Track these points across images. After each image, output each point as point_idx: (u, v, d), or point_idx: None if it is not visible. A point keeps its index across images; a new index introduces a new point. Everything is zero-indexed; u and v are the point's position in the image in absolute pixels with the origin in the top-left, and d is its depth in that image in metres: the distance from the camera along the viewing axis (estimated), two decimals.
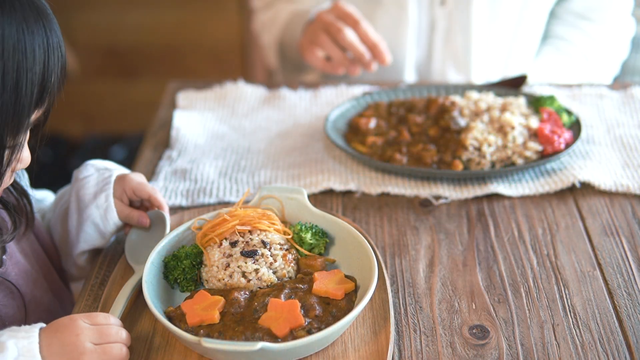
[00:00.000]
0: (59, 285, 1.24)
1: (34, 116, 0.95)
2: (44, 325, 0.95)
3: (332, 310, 1.04)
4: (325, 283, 1.07)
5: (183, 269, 1.10)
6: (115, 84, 3.18)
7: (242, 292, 1.05)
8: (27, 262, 1.16)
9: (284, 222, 1.20)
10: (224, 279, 1.08)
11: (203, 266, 1.12)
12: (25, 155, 1.00)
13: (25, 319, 1.12)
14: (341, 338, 1.03)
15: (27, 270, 1.15)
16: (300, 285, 1.07)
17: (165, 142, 1.55)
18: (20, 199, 1.14)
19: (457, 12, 1.77)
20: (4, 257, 1.12)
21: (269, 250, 1.11)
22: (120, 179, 1.20)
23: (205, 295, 1.05)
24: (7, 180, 0.99)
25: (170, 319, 1.02)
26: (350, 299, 1.06)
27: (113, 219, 1.18)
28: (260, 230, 1.13)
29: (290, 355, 0.99)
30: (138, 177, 1.22)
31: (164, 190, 1.38)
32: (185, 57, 3.17)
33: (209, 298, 1.05)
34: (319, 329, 1.00)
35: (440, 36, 1.80)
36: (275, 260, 1.10)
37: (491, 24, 1.79)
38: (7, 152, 0.94)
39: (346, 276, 1.10)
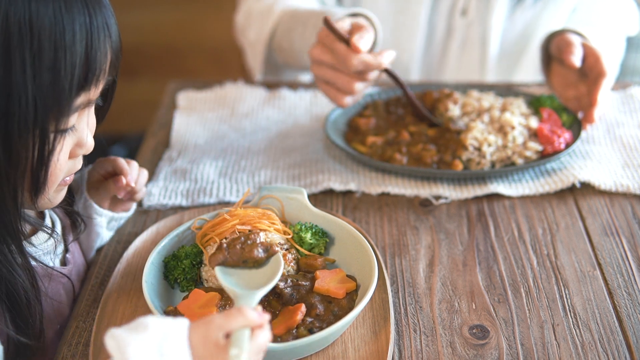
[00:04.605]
0: None
1: (81, 99, 0.92)
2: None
3: (334, 309, 1.04)
4: (327, 282, 1.07)
5: (183, 269, 1.11)
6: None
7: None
8: (81, 260, 1.17)
9: (284, 222, 1.19)
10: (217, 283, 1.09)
11: (203, 265, 1.12)
12: (88, 141, 0.98)
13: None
14: (341, 338, 1.03)
15: (81, 269, 1.16)
16: (303, 282, 1.07)
17: (165, 142, 1.55)
18: (73, 196, 1.15)
19: (477, 23, 1.74)
20: (67, 255, 1.13)
21: None
22: (94, 166, 1.21)
23: (200, 293, 1.06)
24: (63, 166, 0.96)
25: None
26: (351, 299, 1.06)
27: (92, 208, 1.19)
28: (260, 230, 1.13)
29: (290, 355, 0.99)
30: (107, 158, 1.22)
31: (164, 190, 1.38)
32: (185, 57, 3.17)
33: (204, 295, 1.05)
34: (321, 328, 1.00)
35: (456, 46, 1.77)
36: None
37: (508, 35, 1.77)
38: (52, 137, 0.90)
39: (347, 276, 1.10)
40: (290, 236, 1.15)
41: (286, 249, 1.13)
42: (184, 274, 1.10)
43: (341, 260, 1.15)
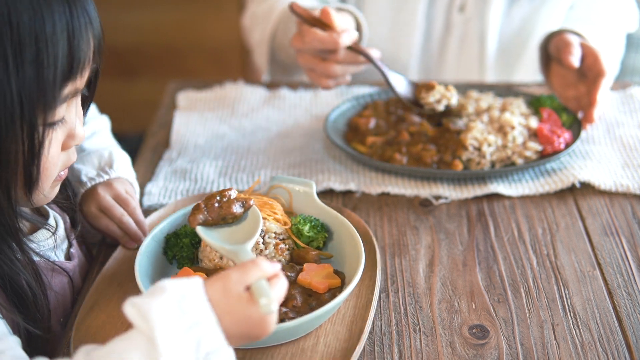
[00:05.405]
0: None
1: (68, 90, 0.91)
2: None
3: (312, 302, 1.04)
4: (311, 275, 1.07)
5: (181, 247, 1.13)
6: (115, 84, 3.18)
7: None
8: (82, 254, 1.18)
9: (290, 213, 1.21)
10: (214, 260, 1.11)
11: (200, 246, 1.14)
12: (79, 131, 0.97)
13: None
14: (316, 331, 1.03)
15: (83, 262, 1.18)
16: (289, 273, 1.08)
17: (165, 142, 1.55)
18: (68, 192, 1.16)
19: (475, 19, 1.74)
20: (71, 250, 1.13)
21: (262, 238, 1.12)
22: (104, 189, 1.20)
23: (188, 271, 1.08)
24: (57, 159, 0.96)
25: None
26: (334, 295, 1.06)
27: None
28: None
29: (258, 342, 0.99)
30: (116, 189, 1.20)
31: (164, 190, 1.38)
32: (185, 57, 3.17)
33: (191, 275, 1.07)
34: (293, 320, 1.00)
35: (455, 43, 1.77)
36: (266, 248, 1.11)
37: (506, 32, 1.77)
38: (41, 131, 0.90)
39: (338, 272, 1.10)
40: (288, 227, 1.16)
41: (281, 239, 1.14)
42: (181, 252, 1.13)
43: (338, 257, 1.15)
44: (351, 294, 1.09)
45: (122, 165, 1.25)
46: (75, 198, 1.17)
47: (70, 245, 1.13)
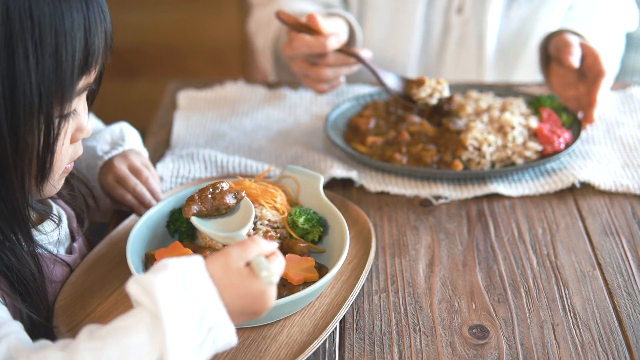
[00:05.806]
0: None
1: (82, 83, 0.94)
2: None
3: (283, 292, 1.04)
4: (290, 266, 1.08)
5: (182, 222, 1.16)
6: (115, 84, 3.18)
7: (213, 253, 1.08)
8: (86, 249, 1.19)
9: (297, 203, 1.22)
10: (206, 239, 1.14)
11: None
12: (86, 125, 1.00)
13: None
14: (283, 321, 1.04)
15: (85, 255, 1.18)
16: None
17: (165, 142, 1.55)
18: (84, 189, 1.19)
19: (473, 21, 1.74)
20: (74, 244, 1.15)
21: (254, 224, 1.13)
22: (120, 161, 1.25)
23: (178, 246, 1.10)
24: (67, 151, 0.98)
25: (147, 260, 1.10)
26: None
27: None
28: (259, 204, 1.15)
29: None
30: (131, 160, 1.26)
31: (175, 172, 1.39)
32: (185, 57, 3.17)
33: (179, 250, 1.09)
34: None
35: (453, 44, 1.77)
36: (255, 234, 1.12)
37: (504, 33, 1.77)
38: (56, 122, 0.93)
39: (324, 268, 1.10)
40: (284, 216, 1.17)
41: (274, 228, 1.15)
42: (182, 227, 1.17)
43: (330, 254, 1.15)
44: (330, 290, 1.09)
45: (134, 139, 1.31)
46: (87, 184, 1.21)
47: (73, 241, 1.15)
